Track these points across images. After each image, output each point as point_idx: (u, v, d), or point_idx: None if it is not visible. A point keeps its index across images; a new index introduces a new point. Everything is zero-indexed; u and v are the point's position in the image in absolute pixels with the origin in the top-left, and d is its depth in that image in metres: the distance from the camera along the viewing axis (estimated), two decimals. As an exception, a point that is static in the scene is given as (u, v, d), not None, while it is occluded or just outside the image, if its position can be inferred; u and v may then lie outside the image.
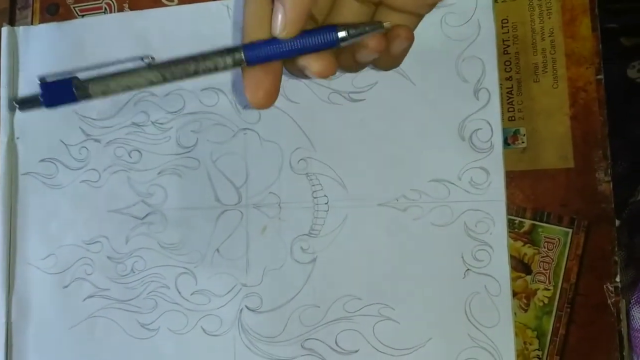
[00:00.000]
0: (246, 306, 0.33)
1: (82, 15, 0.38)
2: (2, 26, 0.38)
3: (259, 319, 0.33)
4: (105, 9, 0.38)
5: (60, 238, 0.36)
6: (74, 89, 0.25)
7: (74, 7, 0.39)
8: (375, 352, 0.31)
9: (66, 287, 0.36)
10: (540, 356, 0.29)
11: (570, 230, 0.29)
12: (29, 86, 0.38)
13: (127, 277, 0.35)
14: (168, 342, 0.34)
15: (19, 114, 0.38)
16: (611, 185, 0.29)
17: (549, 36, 0.31)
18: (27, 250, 0.37)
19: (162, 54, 0.36)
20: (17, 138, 0.38)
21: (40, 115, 0.37)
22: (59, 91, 0.25)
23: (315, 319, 0.32)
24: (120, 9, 0.38)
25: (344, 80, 0.33)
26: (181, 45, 0.35)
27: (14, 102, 0.27)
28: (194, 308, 0.34)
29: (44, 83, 0.25)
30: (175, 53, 0.36)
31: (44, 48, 0.38)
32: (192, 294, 0.34)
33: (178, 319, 0.34)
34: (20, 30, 0.38)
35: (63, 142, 0.37)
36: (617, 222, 0.29)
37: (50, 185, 0.37)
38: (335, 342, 0.31)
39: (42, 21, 0.40)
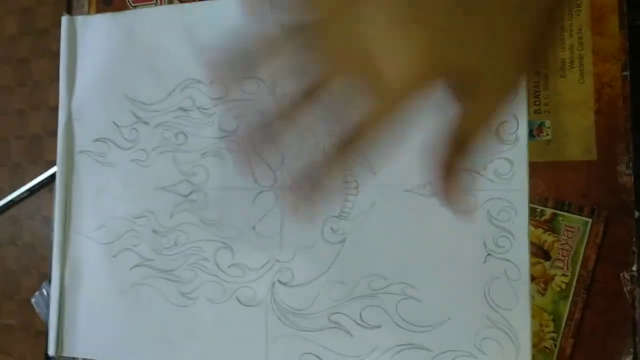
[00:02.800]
0: (278, 280, 0.36)
1: (135, 7, 0.42)
2: (62, 15, 0.42)
3: (290, 292, 0.35)
4: (156, 0, 0.41)
5: (110, 211, 0.40)
6: None
7: (127, -2, 0.43)
8: (397, 327, 0.33)
9: (114, 256, 0.40)
10: (555, 338, 0.31)
11: (590, 220, 0.30)
12: (85, 72, 0.42)
13: (170, 250, 0.38)
14: (205, 310, 0.37)
15: (76, 95, 0.41)
16: (632, 179, 0.30)
17: (577, 33, 0.32)
18: (80, 221, 0.41)
19: (208, 45, 0.39)
20: (74, 119, 0.41)
21: (95, 99, 0.41)
22: None
23: (342, 294, 0.34)
24: (170, 1, 0.41)
25: (377, 72, 0.35)
26: (226, 36, 0.38)
27: None
28: (230, 280, 0.37)
29: None
30: (221, 44, 0.39)
31: (99, 36, 0.41)
32: (229, 267, 0.37)
33: (215, 289, 0.37)
34: (79, 19, 0.42)
35: (115, 124, 0.40)
36: (637, 214, 0.30)
37: (103, 162, 0.41)
38: (360, 316, 0.34)
39: (97, 11, 0.43)
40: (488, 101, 0.22)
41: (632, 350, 0.29)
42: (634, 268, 0.30)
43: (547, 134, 0.32)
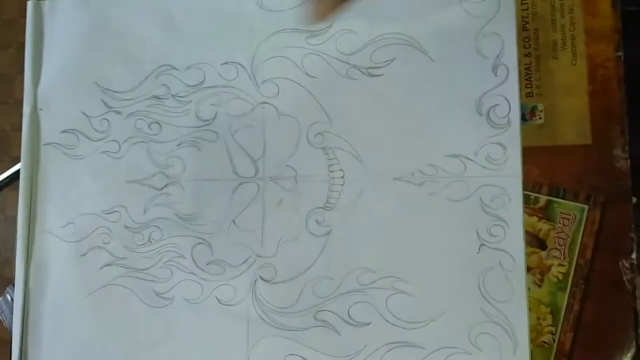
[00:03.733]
0: (260, 277, 0.34)
1: (107, -9, 0.40)
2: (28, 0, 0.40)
3: (272, 289, 0.33)
4: (129, -16, 0.39)
5: (79, 207, 0.37)
6: None
7: (98, -17, 0.41)
8: (388, 324, 0.31)
9: (84, 255, 0.37)
10: (554, 332, 0.29)
11: (586, 207, 0.29)
12: (53, 60, 0.39)
13: (143, 247, 0.36)
14: (182, 311, 0.35)
15: (43, 84, 0.39)
16: (629, 163, 0.29)
17: (569, 13, 0.31)
18: (46, 218, 0.38)
19: (185, 29, 0.37)
20: (40, 109, 0.39)
21: (63, 87, 0.39)
22: None
23: (329, 290, 0.33)
24: (144, -15, 0.39)
25: (362, 55, 0.34)
26: (204, 21, 0.37)
27: None
28: (209, 278, 0.35)
29: None
30: (198, 28, 0.37)
31: (68, 22, 0.39)
32: (207, 264, 0.35)
33: (193, 288, 0.35)
34: (46, 4, 0.40)
35: (85, 114, 0.38)
36: (634, 200, 0.29)
37: (71, 155, 0.38)
38: (348, 314, 0.32)
39: (67, -4, 0.41)
40: None
41: (634, 342, 0.28)
42: (634, 256, 0.29)
43: (540, 118, 0.31)
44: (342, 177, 0.33)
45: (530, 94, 0.31)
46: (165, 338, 0.35)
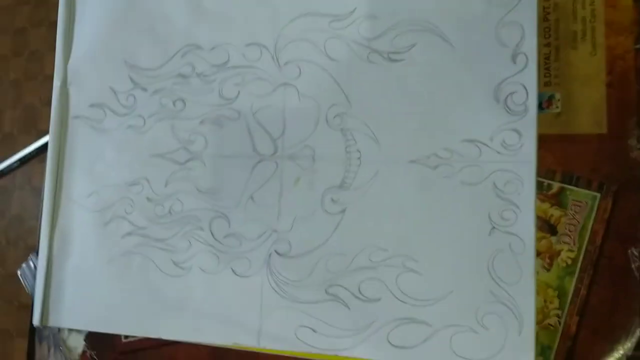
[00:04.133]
0: (275, 250, 0.35)
1: (137, -29, 0.41)
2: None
3: (287, 263, 0.35)
4: (160, -35, 0.41)
5: (104, 178, 0.39)
6: None
7: (130, -37, 0.42)
8: (397, 301, 0.32)
9: (106, 224, 0.39)
10: (560, 315, 0.30)
11: (599, 195, 0.30)
12: (84, 37, 0.41)
13: (164, 218, 0.37)
14: (199, 280, 0.36)
15: (73, 60, 0.41)
16: (643, 153, 0.30)
17: (590, 5, 0.32)
18: (72, 188, 0.40)
19: (212, 11, 0.39)
20: (70, 84, 0.41)
21: (92, 63, 0.41)
22: None
23: (341, 266, 0.34)
24: (174, -34, 0.41)
25: (384, 40, 0.35)
26: (231, 3, 0.38)
27: None
28: (225, 250, 0.36)
29: None
30: (224, 10, 0.39)
31: (99, 0, 0.41)
32: (225, 237, 0.36)
33: (210, 259, 0.36)
34: (79, -19, 0.41)
35: (112, 89, 0.40)
36: (647, 189, 0.30)
37: (98, 129, 0.40)
38: (359, 289, 0.33)
39: (99, -25, 0.43)
40: None
41: (639, 329, 0.29)
42: (643, 244, 0.29)
43: (557, 107, 0.32)
44: (359, 158, 0.34)
45: (549, 83, 0.32)
46: (181, 306, 0.36)
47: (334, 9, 0.36)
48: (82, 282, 0.39)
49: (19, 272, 0.44)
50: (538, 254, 0.31)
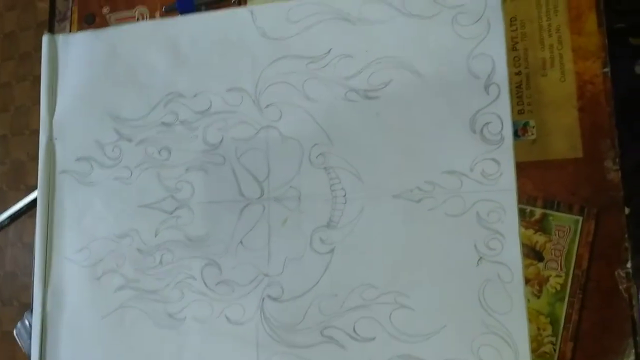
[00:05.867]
0: (268, 295, 0.37)
1: (117, 24, 0.44)
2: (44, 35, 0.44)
3: (280, 307, 0.36)
4: (139, 18, 0.44)
5: (93, 232, 0.41)
6: None
7: (109, 17, 0.45)
8: (392, 339, 0.34)
9: (98, 279, 0.40)
10: (554, 342, 0.31)
11: (581, 218, 0.32)
12: (67, 91, 0.43)
13: (155, 269, 0.39)
14: (194, 330, 0.38)
15: (58, 114, 0.43)
16: (620, 174, 0.31)
17: (556, 32, 0.34)
18: (62, 244, 0.42)
19: (192, 59, 0.41)
20: (56, 138, 0.43)
21: (77, 117, 0.43)
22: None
23: (334, 307, 0.35)
24: (152, 17, 0.43)
25: (360, 79, 0.37)
26: (210, 50, 0.40)
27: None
28: (218, 298, 0.38)
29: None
30: (204, 57, 0.41)
31: (81, 54, 0.43)
32: (217, 284, 0.38)
33: (203, 308, 0.38)
34: (60, 38, 0.44)
35: (98, 142, 0.42)
36: (627, 210, 0.31)
37: (85, 182, 0.42)
38: (354, 329, 0.35)
39: (80, 30, 0.45)
40: None
41: (634, 350, 0.30)
42: (629, 265, 0.31)
43: (532, 134, 0.34)
44: (344, 196, 0.36)
45: (522, 111, 0.34)
46: (178, 357, 0.38)
47: (310, 51, 0.38)
48: (78, 339, 0.40)
49: (14, 332, 0.46)
50: (527, 281, 0.32)
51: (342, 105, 0.37)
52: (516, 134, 0.34)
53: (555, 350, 0.31)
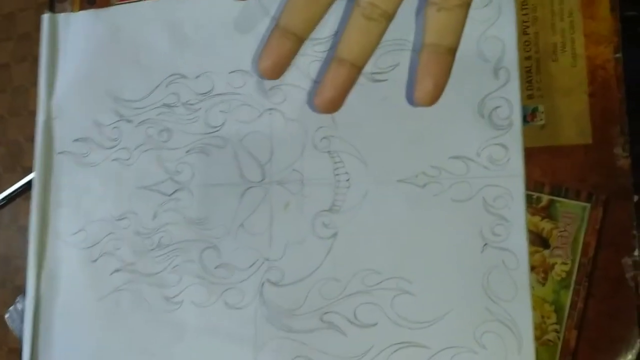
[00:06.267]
0: (268, 279, 0.36)
1: (119, 4, 0.44)
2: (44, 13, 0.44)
3: (280, 292, 0.36)
4: (141, -2, 0.43)
5: (90, 214, 0.41)
6: None
7: (110, -3, 0.45)
8: (394, 325, 0.34)
9: (94, 261, 0.40)
10: (558, 330, 0.31)
11: (588, 205, 0.31)
12: (67, 71, 0.43)
13: (153, 252, 0.39)
14: (191, 315, 0.37)
15: (57, 95, 0.43)
16: (629, 161, 0.31)
17: (568, 17, 0.34)
18: (58, 225, 0.41)
19: (195, 40, 0.41)
20: (54, 119, 0.43)
21: (76, 97, 0.43)
22: None
23: (335, 292, 0.35)
24: (155, -2, 0.43)
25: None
26: (213, 31, 0.40)
27: None
28: (217, 281, 0.37)
29: None
30: (208, 38, 0.41)
31: (81, 34, 0.43)
32: (216, 268, 0.37)
33: (201, 292, 0.37)
34: (61, 17, 0.44)
35: (97, 123, 0.42)
36: (636, 198, 0.31)
37: (84, 163, 0.42)
38: (354, 315, 0.34)
39: (81, 10, 0.45)
40: None
41: (639, 340, 0.30)
42: (636, 253, 0.31)
43: (541, 119, 0.33)
44: (348, 180, 0.36)
45: (531, 96, 0.34)
46: (174, 342, 0.37)
47: (315, 32, 0.38)
48: (72, 323, 0.40)
49: (6, 316, 0.45)
50: (532, 268, 0.32)
51: (347, 88, 0.37)
52: (525, 119, 0.34)
53: (559, 338, 0.31)
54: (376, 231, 0.35)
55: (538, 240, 0.32)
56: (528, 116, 0.34)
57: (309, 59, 0.38)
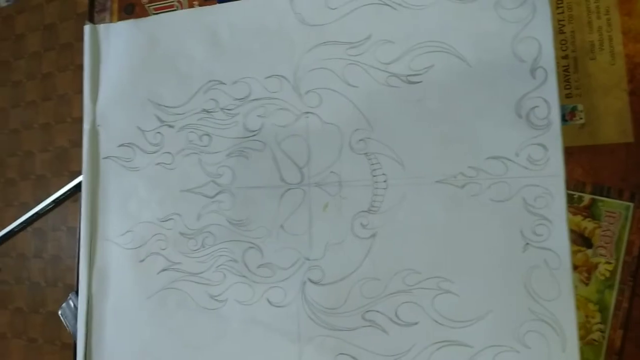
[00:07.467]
0: (309, 279, 0.35)
1: (156, 13, 0.42)
2: (85, 24, 0.43)
3: (321, 291, 0.34)
4: (177, 6, 0.42)
5: (137, 216, 0.39)
6: None
7: (148, 7, 0.43)
8: (435, 324, 0.32)
9: (142, 261, 0.39)
10: (603, 330, 0.29)
11: (631, 204, 0.29)
12: (109, 79, 0.42)
13: (198, 252, 0.38)
14: (235, 312, 0.36)
15: (100, 102, 0.42)
16: (674, 159, 0.29)
17: (605, 15, 0.31)
18: (107, 227, 0.40)
19: (231, 46, 0.39)
20: (99, 125, 0.41)
21: (119, 104, 0.41)
22: None
23: (376, 291, 0.33)
24: (191, 6, 0.41)
25: (401, 64, 0.35)
26: (248, 38, 0.38)
27: None
28: (260, 280, 0.36)
29: None
30: (243, 45, 0.39)
31: (122, 43, 0.42)
32: (258, 267, 0.36)
33: (245, 290, 0.36)
34: (101, 27, 0.42)
35: (140, 128, 0.40)
36: (681, 196, 0.29)
37: (129, 167, 0.40)
38: (396, 314, 0.33)
39: (120, 20, 0.44)
40: None
41: (685, 338, 0.28)
42: (682, 252, 0.28)
43: (581, 118, 0.31)
44: (385, 182, 0.34)
45: (570, 95, 0.32)
46: (219, 339, 0.36)
47: (349, 37, 0.36)
48: (122, 320, 0.39)
49: (59, 312, 0.45)
50: (575, 268, 0.30)
51: (383, 90, 0.35)
52: (564, 119, 0.31)
53: (604, 337, 0.29)
54: (415, 232, 0.33)
55: (580, 239, 0.30)
56: (567, 115, 0.31)
57: (344, 63, 0.36)
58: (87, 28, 0.42)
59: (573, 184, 0.31)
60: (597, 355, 0.29)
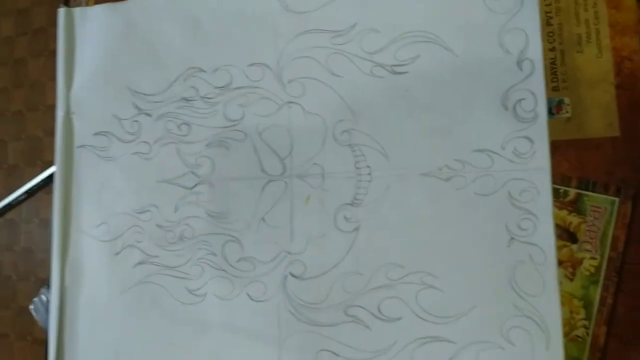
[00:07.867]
0: (290, 273, 0.33)
1: (135, -2, 0.40)
2: (59, 7, 0.40)
3: (302, 285, 0.33)
4: (157, -9, 0.39)
5: (112, 207, 0.37)
6: None
7: (126, -9, 0.40)
8: (418, 319, 0.31)
9: (117, 254, 0.37)
10: (587, 325, 0.28)
11: (617, 199, 0.28)
12: (84, 65, 0.39)
13: (175, 245, 0.35)
14: (214, 307, 0.34)
15: (75, 89, 0.39)
16: (660, 154, 0.28)
17: (592, 7, 0.30)
18: (80, 218, 0.38)
19: (212, 33, 0.37)
20: (73, 113, 0.39)
21: (95, 91, 0.39)
22: None
23: (358, 286, 0.32)
24: (171, -9, 0.39)
25: (387, 54, 0.33)
26: (230, 24, 0.36)
27: None
28: (239, 275, 0.34)
29: None
30: (225, 32, 0.37)
31: (98, 28, 0.39)
32: (238, 261, 0.34)
33: (224, 285, 0.34)
34: (77, 11, 0.39)
35: (116, 117, 0.38)
36: (666, 191, 0.28)
37: (104, 157, 0.38)
38: (379, 309, 0.31)
39: (96, 4, 0.41)
40: None
41: (668, 334, 0.27)
42: (666, 247, 0.28)
43: (567, 111, 0.30)
44: (369, 174, 0.33)
45: (557, 88, 0.31)
46: (197, 334, 0.34)
47: (334, 25, 0.34)
48: (96, 315, 0.37)
49: (31, 307, 0.42)
50: (560, 263, 0.29)
51: (368, 80, 0.33)
52: (550, 112, 0.30)
53: (588, 334, 0.28)
54: (399, 225, 0.32)
55: (565, 234, 0.29)
56: (554, 108, 0.30)
57: (328, 52, 0.34)
58: (61, 11, 0.39)
59: (559, 178, 0.30)
60: (581, 352, 0.28)
